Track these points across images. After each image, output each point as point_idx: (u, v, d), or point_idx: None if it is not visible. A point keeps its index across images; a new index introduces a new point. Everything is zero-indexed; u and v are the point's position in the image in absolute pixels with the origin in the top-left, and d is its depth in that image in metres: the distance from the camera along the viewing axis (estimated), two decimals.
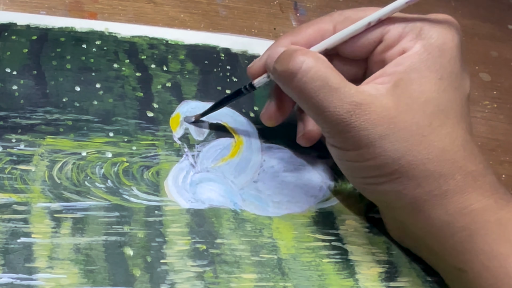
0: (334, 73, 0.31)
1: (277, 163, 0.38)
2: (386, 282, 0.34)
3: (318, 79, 0.31)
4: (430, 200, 0.32)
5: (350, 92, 0.31)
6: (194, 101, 0.39)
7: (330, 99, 0.31)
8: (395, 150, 0.31)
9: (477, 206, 0.31)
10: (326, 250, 0.35)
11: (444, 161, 0.31)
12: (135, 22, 0.42)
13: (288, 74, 0.32)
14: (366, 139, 0.31)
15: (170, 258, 0.32)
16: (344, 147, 0.32)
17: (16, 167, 0.33)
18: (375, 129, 0.31)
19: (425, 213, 0.32)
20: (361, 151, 0.32)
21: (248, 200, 0.36)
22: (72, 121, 0.36)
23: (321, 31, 0.34)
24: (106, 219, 0.32)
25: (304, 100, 0.32)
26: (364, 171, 0.33)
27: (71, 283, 0.30)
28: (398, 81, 0.31)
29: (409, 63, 0.32)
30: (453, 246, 0.32)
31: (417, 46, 0.32)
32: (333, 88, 0.31)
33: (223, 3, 0.46)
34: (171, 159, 0.36)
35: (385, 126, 0.31)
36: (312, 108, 0.32)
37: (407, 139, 0.31)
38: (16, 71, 0.37)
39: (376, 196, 0.34)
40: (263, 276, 0.33)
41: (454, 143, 0.31)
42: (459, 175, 0.31)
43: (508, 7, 0.56)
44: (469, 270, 0.32)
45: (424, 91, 0.31)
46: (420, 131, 0.31)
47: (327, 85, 0.31)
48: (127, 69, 0.39)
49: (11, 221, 0.31)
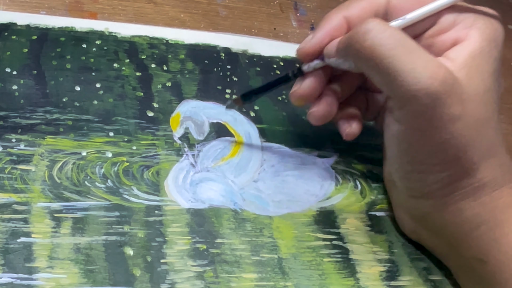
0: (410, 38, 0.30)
1: (277, 162, 0.38)
2: (387, 281, 0.34)
3: (396, 37, 0.29)
4: (469, 191, 0.32)
5: (431, 57, 0.29)
6: (194, 100, 0.39)
7: (412, 58, 0.29)
8: (461, 137, 0.30)
9: (506, 199, 0.31)
10: (326, 249, 0.35)
11: (491, 155, 0.31)
12: (135, 22, 0.42)
13: (361, 34, 0.30)
14: (440, 119, 0.29)
15: (170, 257, 0.32)
16: (411, 125, 0.31)
17: (16, 167, 0.33)
18: (452, 108, 0.29)
19: (458, 204, 0.32)
20: (429, 134, 0.30)
21: (249, 199, 0.36)
22: (72, 121, 0.36)
23: (374, 4, 0.33)
24: (106, 219, 0.32)
25: (379, 60, 0.29)
26: (422, 156, 0.31)
27: (71, 283, 0.30)
28: (463, 65, 0.30)
29: (471, 49, 0.31)
30: (477, 237, 0.32)
31: (475, 35, 0.31)
32: (413, 48, 0.29)
33: (223, 3, 0.46)
34: (171, 158, 0.36)
35: (460, 108, 0.29)
36: (387, 69, 0.29)
37: (472, 127, 0.30)
38: (16, 71, 0.37)
39: (417, 185, 0.33)
40: (264, 275, 0.33)
41: (498, 137, 0.32)
42: (498, 168, 0.31)
43: (508, 7, 0.56)
44: (490, 260, 0.31)
45: (483, 81, 0.31)
46: (479, 121, 0.30)
47: (405, 44, 0.29)
48: (127, 68, 0.39)
49: (11, 221, 0.31)
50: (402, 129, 0.31)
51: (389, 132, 0.33)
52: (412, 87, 0.29)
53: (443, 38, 0.32)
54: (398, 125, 0.31)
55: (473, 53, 0.31)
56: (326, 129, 0.39)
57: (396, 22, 0.32)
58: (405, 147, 0.32)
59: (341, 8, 0.34)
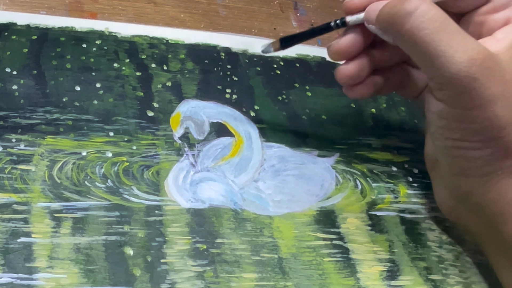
0: (452, 20, 0.30)
1: (277, 162, 0.38)
2: (388, 281, 0.34)
3: (437, 21, 0.29)
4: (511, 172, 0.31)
5: (471, 40, 0.29)
6: (194, 100, 0.39)
7: (451, 43, 0.29)
8: (502, 117, 0.30)
9: None
10: (327, 249, 0.35)
11: None
12: (135, 22, 0.42)
13: (402, 16, 0.30)
14: (481, 99, 0.29)
15: (170, 257, 0.32)
16: (452, 104, 0.31)
17: (16, 167, 0.33)
18: (492, 89, 0.29)
19: (502, 184, 0.32)
20: (470, 112, 0.30)
21: (249, 199, 0.36)
22: (72, 120, 0.36)
23: None
24: (106, 218, 0.32)
25: (419, 43, 0.30)
26: (463, 133, 0.31)
27: (71, 283, 0.30)
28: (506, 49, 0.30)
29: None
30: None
31: None
32: (454, 32, 0.29)
33: (223, 3, 0.46)
34: (171, 158, 0.36)
35: (501, 88, 0.29)
36: (427, 52, 0.30)
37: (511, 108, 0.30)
38: (16, 71, 0.37)
39: (459, 161, 0.33)
40: (264, 275, 0.33)
41: None
42: None
43: None
44: None
45: None
46: None
47: (447, 27, 0.29)
48: (127, 68, 0.39)
49: (11, 221, 0.31)
50: (443, 107, 0.31)
51: (431, 109, 0.33)
52: (452, 70, 0.29)
53: (495, 17, 0.32)
54: (439, 104, 0.32)
55: None
56: (326, 129, 0.39)
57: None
58: (446, 124, 0.32)
59: None
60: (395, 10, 0.31)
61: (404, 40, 0.31)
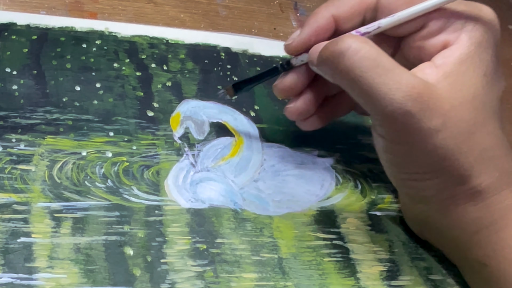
0: (385, 55, 0.30)
1: (277, 162, 0.38)
2: (388, 281, 0.34)
3: (369, 59, 0.29)
4: (467, 197, 0.31)
5: (406, 75, 0.29)
6: (194, 100, 0.39)
7: (384, 80, 0.29)
8: (445, 147, 0.30)
9: (507, 203, 0.31)
10: (327, 249, 0.35)
11: (485, 159, 0.31)
12: (135, 22, 0.42)
13: (336, 56, 0.30)
14: (420, 133, 0.29)
15: (170, 257, 0.32)
16: (394, 140, 0.31)
17: (16, 167, 0.33)
18: (431, 122, 0.29)
19: (458, 209, 0.32)
20: (412, 146, 0.30)
21: (249, 199, 0.36)
22: (72, 120, 0.36)
23: (364, 3, 0.33)
24: (106, 218, 0.32)
25: (354, 82, 0.30)
26: (410, 167, 0.32)
27: (71, 283, 0.30)
28: (448, 73, 0.30)
29: (457, 55, 0.30)
30: (477, 241, 0.32)
31: (463, 39, 0.31)
32: (387, 69, 0.29)
33: (223, 3, 0.46)
34: (171, 158, 0.36)
35: (441, 119, 0.29)
36: (363, 91, 0.30)
37: (457, 136, 0.30)
38: (16, 71, 0.37)
39: (413, 191, 0.33)
40: (264, 275, 0.33)
41: (493, 141, 0.31)
42: (496, 172, 0.31)
43: (508, 7, 0.56)
44: (491, 264, 0.32)
45: (471, 86, 0.30)
46: (468, 128, 0.30)
47: (380, 65, 0.29)
48: (127, 68, 0.39)
49: (11, 221, 0.31)
50: (386, 143, 0.32)
51: (376, 145, 0.33)
52: (387, 108, 0.29)
53: (433, 41, 0.32)
54: (382, 140, 0.32)
55: (461, 59, 0.31)
56: (326, 129, 0.39)
57: (386, 20, 0.32)
58: (392, 158, 0.32)
59: (330, 4, 0.33)
60: (330, 51, 0.31)
61: (340, 79, 0.31)
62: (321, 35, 0.33)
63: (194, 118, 0.38)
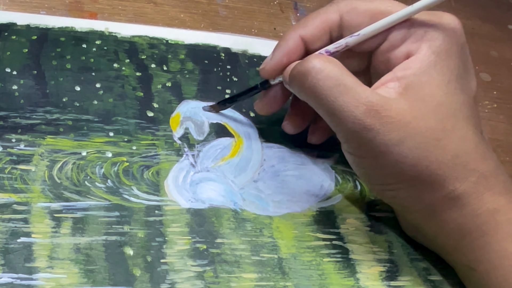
0: (348, 74, 0.31)
1: (277, 162, 0.38)
2: (387, 281, 0.34)
3: (332, 78, 0.30)
4: (445, 204, 0.32)
5: (365, 93, 0.30)
6: (194, 100, 0.39)
7: (345, 98, 0.30)
8: (412, 156, 0.30)
9: (489, 206, 0.31)
10: (326, 249, 0.35)
11: (458, 164, 0.31)
12: (135, 22, 0.42)
13: (302, 75, 0.31)
14: (383, 146, 0.30)
15: (170, 257, 0.32)
16: (360, 154, 0.32)
17: (16, 167, 0.33)
18: (391, 134, 0.30)
19: (440, 216, 0.32)
20: (377, 159, 0.31)
21: (249, 199, 0.36)
22: (72, 121, 0.36)
23: (328, 22, 0.34)
24: (106, 218, 0.32)
25: (318, 100, 0.31)
26: (382, 178, 0.32)
27: (71, 283, 0.30)
28: (409, 84, 0.31)
29: (418, 66, 0.31)
30: (464, 246, 0.32)
31: (424, 49, 0.31)
32: (348, 87, 0.30)
33: (223, 3, 0.46)
34: (171, 158, 0.36)
35: (402, 131, 0.30)
36: (326, 109, 0.31)
37: (423, 145, 0.30)
38: (16, 71, 0.37)
39: (394, 201, 0.34)
40: (264, 275, 0.33)
41: (466, 145, 0.31)
42: (472, 177, 0.31)
43: (508, 7, 0.56)
44: (479, 269, 0.32)
45: (434, 95, 0.31)
46: (434, 136, 0.31)
47: (341, 83, 0.30)
48: (127, 68, 0.39)
49: (11, 221, 0.31)
50: (354, 158, 0.33)
51: (348, 160, 0.34)
52: (348, 125, 0.30)
53: (396, 53, 0.32)
54: (350, 155, 0.33)
55: (421, 70, 0.31)
56: None
57: (351, 38, 0.33)
58: (364, 172, 0.33)
59: (297, 26, 0.35)
60: (297, 70, 0.32)
61: (306, 97, 0.32)
62: (292, 56, 0.34)
63: (194, 118, 0.38)
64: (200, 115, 0.39)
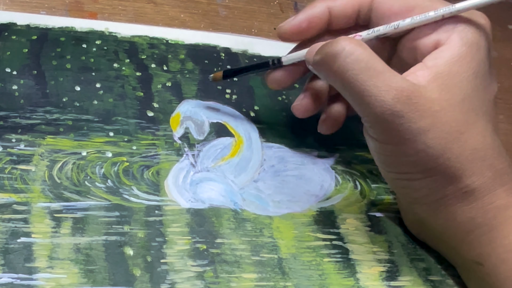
0: (377, 58, 0.30)
1: (277, 163, 0.38)
2: (387, 281, 0.34)
3: (362, 61, 0.30)
4: (458, 197, 0.32)
5: (396, 78, 0.30)
6: (194, 100, 0.39)
7: (375, 82, 0.30)
8: (435, 146, 0.30)
9: (500, 202, 0.31)
10: (326, 250, 0.35)
11: (476, 159, 0.31)
12: (135, 22, 0.42)
13: (330, 57, 0.31)
14: (410, 133, 0.30)
15: (170, 257, 0.32)
16: (384, 140, 0.31)
17: (16, 167, 0.33)
18: (420, 122, 0.30)
19: (450, 209, 0.32)
20: (402, 146, 0.31)
21: (249, 199, 0.36)
22: (72, 121, 0.36)
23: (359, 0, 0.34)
24: (106, 219, 0.32)
25: (346, 84, 0.31)
26: (401, 167, 0.32)
27: (71, 283, 0.30)
28: (439, 73, 0.31)
29: (449, 56, 0.31)
30: (471, 241, 0.32)
31: (455, 39, 0.31)
32: (378, 71, 0.30)
33: (223, 3, 0.46)
34: (171, 158, 0.36)
35: (429, 120, 0.30)
36: (355, 92, 0.30)
37: (447, 136, 0.30)
38: (16, 71, 0.37)
39: (406, 191, 0.34)
40: (264, 275, 0.33)
41: (484, 141, 0.31)
42: (488, 172, 0.31)
43: (508, 7, 0.56)
44: (486, 263, 0.32)
45: (462, 87, 0.31)
46: (458, 128, 0.30)
47: (371, 67, 0.30)
48: (127, 68, 0.39)
49: (11, 221, 0.31)
50: (377, 144, 0.32)
51: (369, 145, 0.33)
52: (377, 109, 0.30)
53: (424, 41, 0.32)
54: (373, 141, 0.32)
55: (452, 60, 0.31)
56: None
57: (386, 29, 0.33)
58: (384, 159, 0.33)
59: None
60: (325, 52, 0.31)
61: (333, 81, 0.32)
62: (314, 23, 0.34)
63: (194, 118, 0.38)
64: (200, 115, 0.39)
